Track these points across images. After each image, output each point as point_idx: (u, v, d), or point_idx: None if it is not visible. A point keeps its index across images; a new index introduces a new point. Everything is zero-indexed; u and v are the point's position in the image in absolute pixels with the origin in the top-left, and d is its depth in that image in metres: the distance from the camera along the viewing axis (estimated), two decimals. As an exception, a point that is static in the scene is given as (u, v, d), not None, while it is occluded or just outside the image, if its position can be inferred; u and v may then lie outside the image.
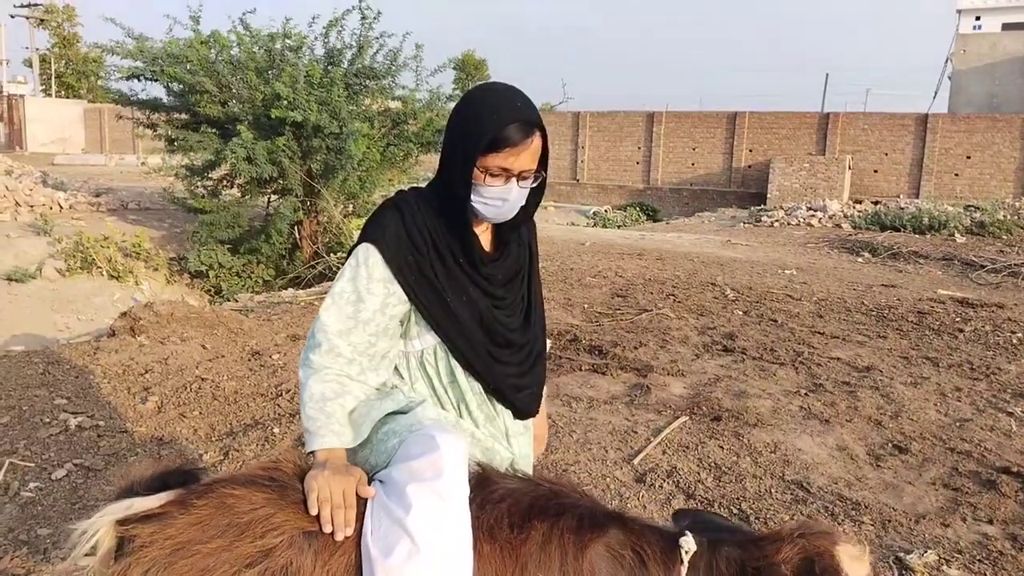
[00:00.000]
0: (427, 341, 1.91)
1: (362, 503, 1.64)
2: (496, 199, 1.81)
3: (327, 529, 1.59)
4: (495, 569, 1.59)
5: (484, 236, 1.94)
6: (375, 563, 1.55)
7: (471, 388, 1.94)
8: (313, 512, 1.60)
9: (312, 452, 1.76)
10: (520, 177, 1.81)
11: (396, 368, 1.94)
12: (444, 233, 1.86)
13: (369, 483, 1.70)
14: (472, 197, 1.81)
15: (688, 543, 1.58)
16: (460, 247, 1.86)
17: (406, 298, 1.84)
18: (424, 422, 1.79)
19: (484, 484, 1.68)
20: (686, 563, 1.58)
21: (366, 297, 1.80)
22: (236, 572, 1.54)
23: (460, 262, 1.87)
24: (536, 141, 1.80)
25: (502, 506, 1.65)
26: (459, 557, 1.57)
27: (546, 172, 1.87)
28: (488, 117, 1.75)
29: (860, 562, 1.55)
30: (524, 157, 1.78)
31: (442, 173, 1.90)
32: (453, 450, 1.65)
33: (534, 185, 1.87)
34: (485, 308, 1.90)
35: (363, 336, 1.81)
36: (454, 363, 1.91)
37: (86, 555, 1.57)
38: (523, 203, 1.88)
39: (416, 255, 1.83)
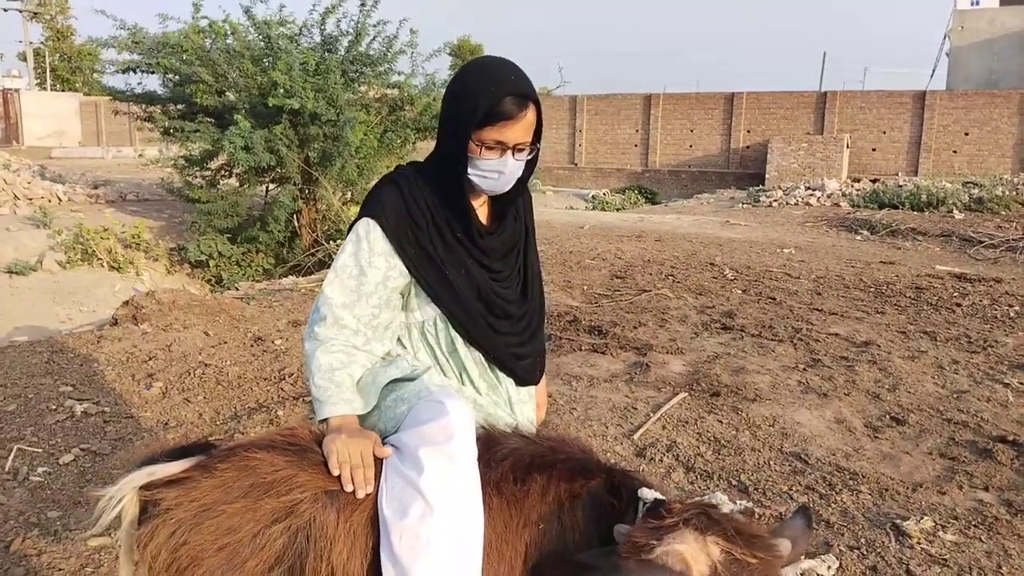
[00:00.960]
0: (427, 313, 1.96)
1: (379, 465, 1.70)
2: (492, 172, 1.85)
3: (348, 488, 1.64)
4: (503, 521, 1.65)
5: (481, 210, 1.98)
6: (390, 524, 1.60)
7: (472, 358, 1.98)
8: (335, 473, 1.65)
9: (325, 420, 1.81)
10: (515, 150, 1.84)
11: (399, 339, 1.99)
12: (442, 207, 1.89)
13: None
14: (468, 170, 1.85)
15: (646, 494, 1.61)
16: (458, 220, 1.90)
17: (407, 271, 1.88)
18: (432, 389, 1.83)
19: (490, 444, 1.73)
20: (641, 512, 1.60)
21: (368, 271, 1.85)
22: (262, 529, 1.59)
23: (458, 236, 1.91)
24: (530, 114, 1.83)
25: (506, 463, 1.71)
26: (470, 515, 1.62)
27: (540, 144, 1.91)
28: (483, 91, 1.78)
29: (699, 559, 1.41)
30: (519, 130, 1.81)
31: (439, 147, 1.93)
32: (461, 415, 1.70)
33: (529, 157, 1.90)
34: (483, 281, 1.94)
35: (366, 308, 1.85)
36: (454, 334, 1.96)
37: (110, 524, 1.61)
38: (519, 174, 1.91)
39: (415, 229, 1.87)
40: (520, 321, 2.05)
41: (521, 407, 2.08)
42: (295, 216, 12.37)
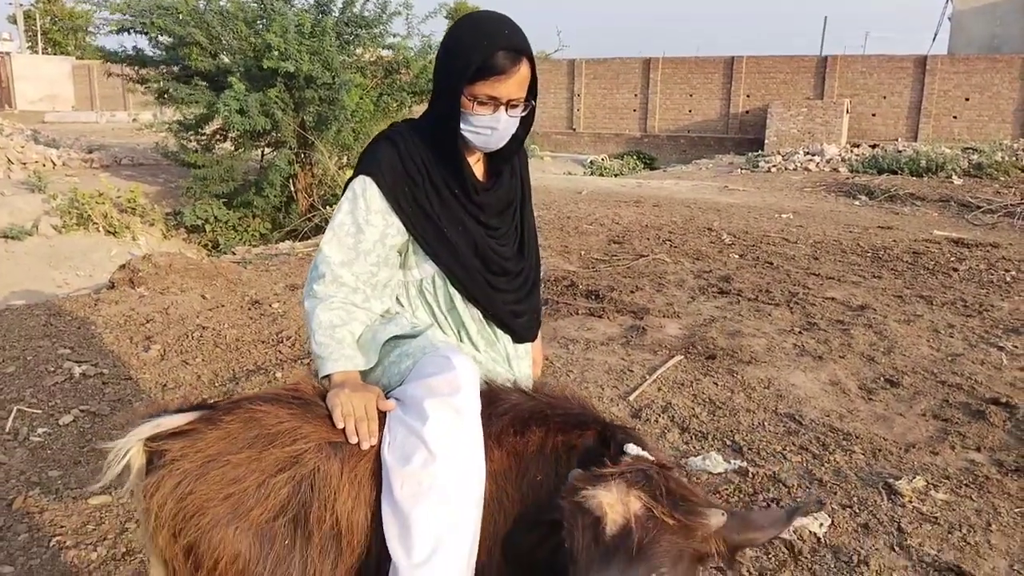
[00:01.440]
0: (425, 270, 1.96)
1: (382, 418, 1.72)
2: (485, 127, 1.83)
3: (353, 440, 1.66)
4: (503, 472, 1.68)
5: (477, 167, 1.97)
6: (392, 471, 1.62)
7: (470, 315, 1.99)
8: (339, 426, 1.67)
9: (327, 377, 1.82)
10: (509, 105, 1.82)
11: (397, 298, 1.99)
12: (438, 164, 1.88)
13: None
14: (461, 126, 1.83)
15: (632, 449, 1.64)
16: (453, 177, 1.89)
17: (404, 229, 1.88)
18: (436, 344, 1.85)
19: (491, 399, 1.75)
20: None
21: (365, 228, 1.85)
22: (267, 479, 1.61)
23: (455, 192, 1.90)
24: (524, 69, 1.81)
25: (506, 417, 1.73)
26: (472, 464, 1.64)
27: (535, 101, 1.89)
28: (475, 45, 1.76)
29: (615, 507, 1.45)
30: (511, 85, 1.79)
31: (433, 104, 1.92)
32: (467, 369, 1.72)
33: (523, 114, 1.88)
34: (480, 237, 1.94)
35: (365, 266, 1.86)
36: (452, 291, 1.96)
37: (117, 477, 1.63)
38: (514, 130, 1.89)
39: (412, 186, 1.86)
40: (517, 278, 2.05)
41: (518, 363, 2.10)
42: (291, 181, 12.30)
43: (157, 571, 1.67)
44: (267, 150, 12.96)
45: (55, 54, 43.26)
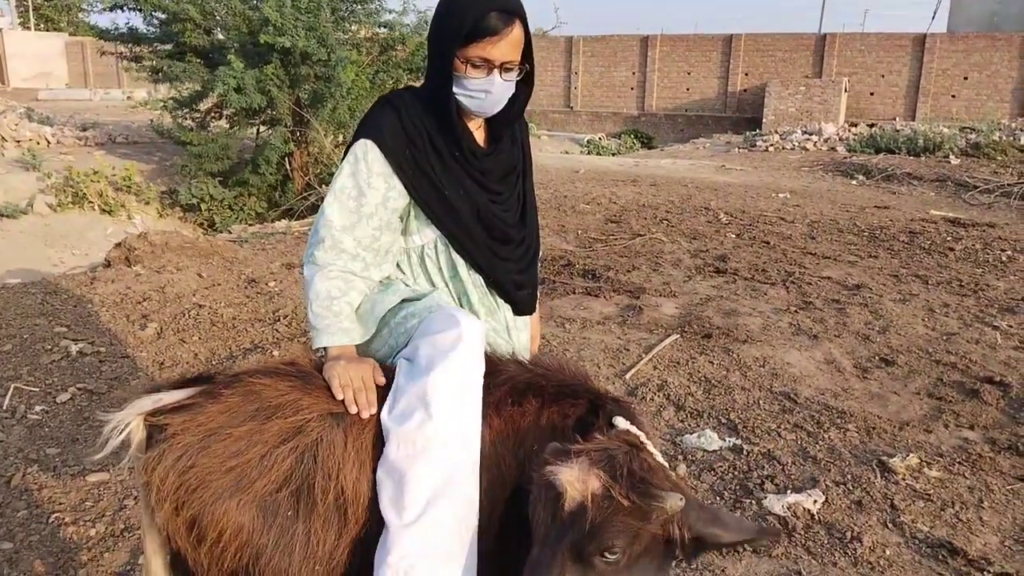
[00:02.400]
0: (427, 236, 1.95)
1: (383, 387, 1.73)
2: (479, 91, 1.83)
3: (352, 410, 1.68)
4: (501, 439, 1.69)
5: (478, 133, 1.97)
6: (390, 432, 1.63)
7: (472, 281, 1.99)
8: (339, 397, 1.68)
9: (324, 349, 1.83)
10: (503, 68, 1.81)
11: (399, 266, 1.99)
12: (438, 129, 1.88)
13: (392, 361, 1.78)
14: (455, 89, 1.83)
15: (620, 422, 1.65)
16: (452, 140, 1.88)
17: (405, 192, 1.87)
18: (442, 304, 1.85)
19: (490, 369, 1.76)
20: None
21: (367, 191, 1.84)
22: (269, 451, 1.61)
23: (456, 155, 1.89)
24: (516, 30, 1.80)
25: (504, 387, 1.74)
26: (469, 425, 1.65)
27: (531, 65, 1.88)
28: (468, 6, 1.76)
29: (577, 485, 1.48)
30: (504, 46, 1.78)
31: (429, 69, 1.91)
32: (472, 326, 1.72)
33: (519, 78, 1.87)
34: (483, 202, 1.94)
35: (367, 230, 1.85)
36: (456, 257, 1.96)
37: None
38: (509, 95, 1.88)
39: (413, 149, 1.85)
40: (519, 247, 2.05)
41: (517, 334, 2.11)
42: (287, 159, 12.26)
43: (152, 545, 1.68)
44: (263, 128, 12.89)
45: (48, 31, 42.81)
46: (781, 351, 4.69)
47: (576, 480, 1.45)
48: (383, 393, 1.74)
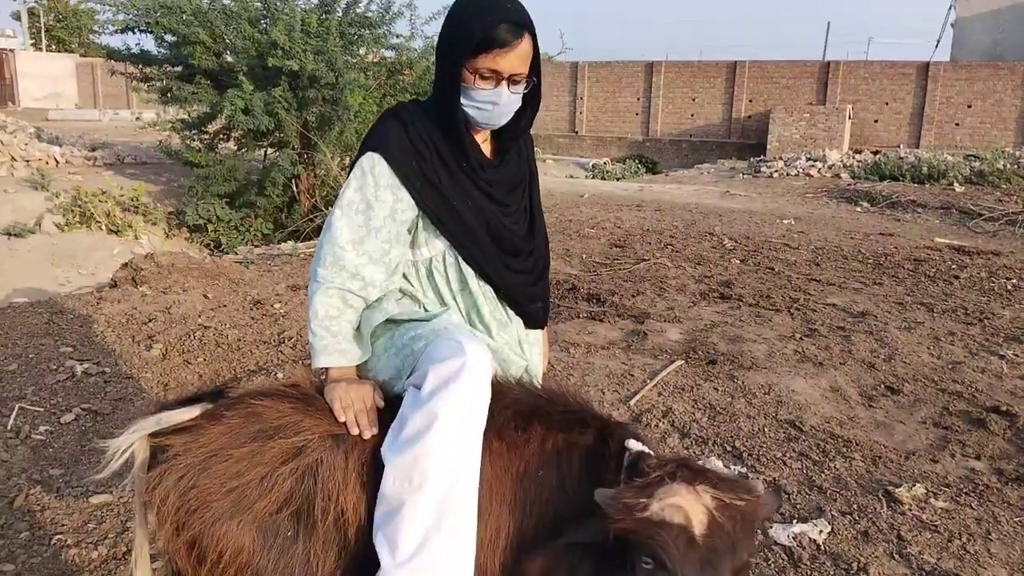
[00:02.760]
0: (436, 248, 1.94)
1: (385, 411, 1.73)
2: (486, 102, 1.83)
3: (354, 431, 1.68)
4: (503, 465, 1.69)
5: (484, 145, 1.97)
6: (387, 464, 1.63)
7: (483, 292, 1.97)
8: (340, 418, 1.69)
9: (325, 369, 1.84)
10: (511, 80, 1.82)
11: (407, 278, 1.97)
12: (445, 140, 1.88)
13: (399, 389, 1.78)
14: (463, 101, 1.83)
15: (633, 444, 1.64)
16: (459, 152, 1.89)
17: (414, 204, 1.87)
18: (450, 328, 1.83)
19: (496, 395, 1.75)
20: (625, 464, 1.62)
21: (375, 204, 1.83)
22: (269, 472, 1.62)
23: (463, 166, 1.89)
24: (525, 43, 1.80)
25: (508, 412, 1.74)
26: (468, 461, 1.63)
27: (539, 79, 1.88)
28: (477, 18, 1.77)
29: (679, 511, 1.42)
30: (513, 58, 1.79)
31: (436, 80, 1.92)
32: (478, 356, 1.70)
33: (526, 91, 1.88)
34: (491, 213, 1.93)
35: (376, 243, 1.84)
36: (465, 268, 1.95)
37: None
38: (516, 107, 1.89)
39: (420, 160, 1.85)
40: (528, 258, 2.05)
41: (530, 348, 2.10)
42: (294, 181, 12.32)
43: (143, 565, 1.68)
44: (270, 150, 12.98)
45: (59, 51, 43.29)
46: (786, 378, 4.68)
47: (692, 503, 1.40)
48: (386, 416, 1.74)
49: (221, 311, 5.63)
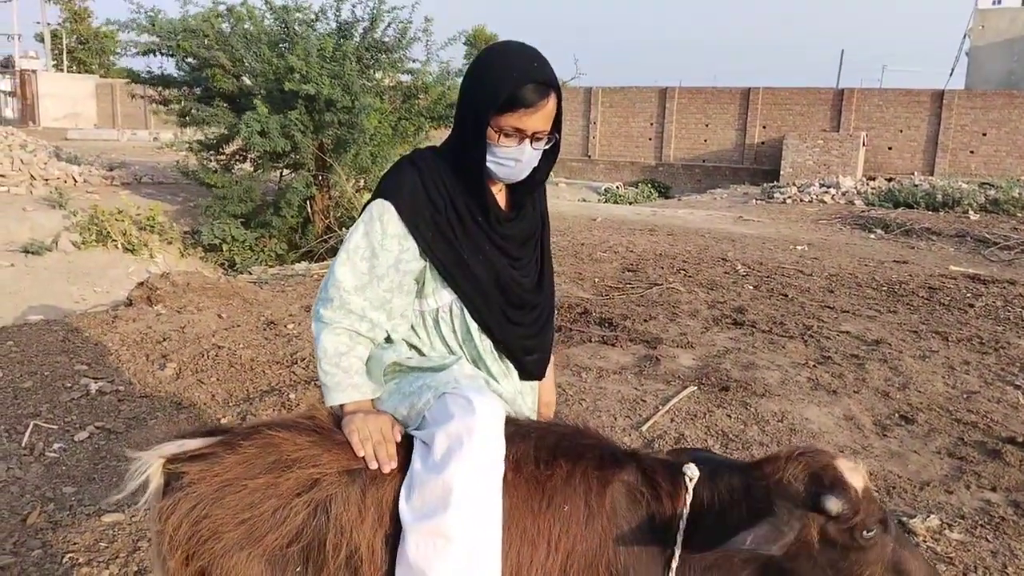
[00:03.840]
0: (443, 299, 1.93)
1: (402, 452, 1.71)
2: (509, 159, 1.83)
3: (373, 465, 1.66)
4: (521, 496, 1.67)
5: (499, 196, 1.96)
6: (409, 528, 1.61)
7: (483, 346, 1.97)
8: (359, 452, 1.67)
9: (339, 406, 1.82)
10: (534, 138, 1.82)
11: (413, 329, 1.97)
12: (461, 192, 1.87)
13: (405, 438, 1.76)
14: (487, 157, 1.83)
15: (691, 470, 1.64)
16: (477, 206, 1.88)
17: (420, 254, 1.85)
18: (461, 381, 1.80)
19: (516, 432, 1.74)
20: (691, 491, 1.64)
21: (380, 253, 1.82)
22: (282, 504, 1.61)
23: (478, 220, 1.88)
24: (551, 103, 1.80)
25: (528, 442, 1.73)
26: (490, 520, 1.62)
27: (559, 135, 1.88)
28: (504, 77, 1.75)
29: (857, 473, 1.66)
30: (538, 118, 1.79)
31: (456, 132, 1.90)
32: (490, 414, 1.68)
33: (547, 147, 1.87)
34: (502, 267, 1.92)
35: (377, 291, 1.83)
36: (470, 320, 1.93)
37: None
38: (535, 164, 1.89)
39: (433, 211, 1.84)
40: (533, 311, 2.03)
41: (523, 399, 2.08)
42: (308, 202, 12.42)
43: None
44: (286, 171, 13.10)
45: (80, 72, 43.98)
46: (799, 406, 4.66)
47: (854, 469, 1.65)
48: (402, 450, 1.73)
49: (235, 331, 5.66)
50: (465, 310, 1.93)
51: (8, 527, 3.09)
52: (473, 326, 1.94)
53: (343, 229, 11.27)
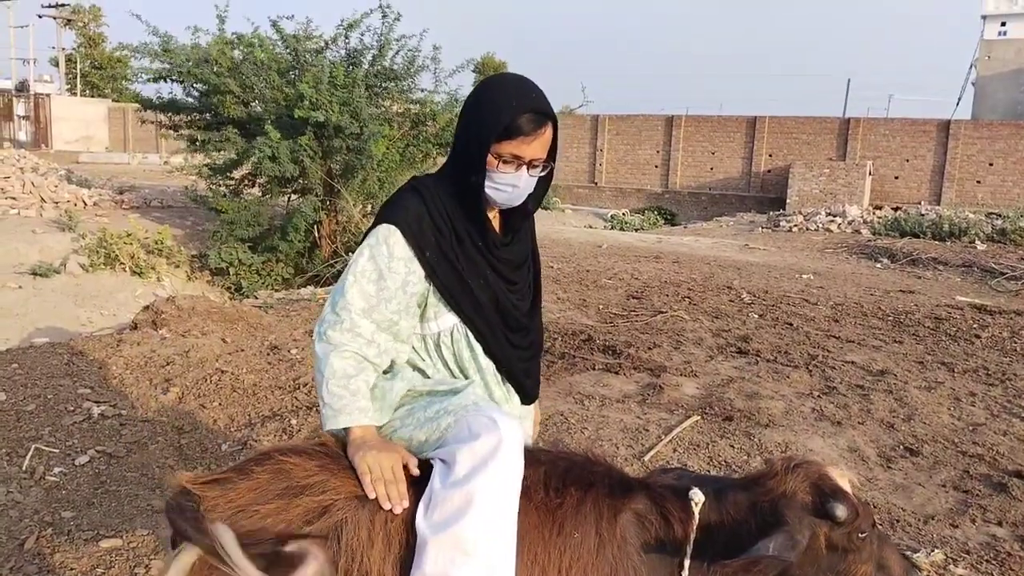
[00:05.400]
0: (444, 323, 1.96)
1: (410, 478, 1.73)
2: (507, 185, 1.89)
3: (386, 506, 1.67)
4: (532, 524, 1.68)
5: (494, 222, 2.01)
6: (427, 540, 1.62)
7: (488, 370, 2.00)
8: (371, 494, 1.67)
9: (344, 429, 1.82)
10: (530, 165, 1.89)
11: (416, 351, 1.99)
12: (461, 216, 1.92)
13: (425, 461, 1.77)
14: (485, 183, 1.88)
15: (696, 495, 1.67)
16: (476, 230, 1.93)
17: (424, 278, 1.89)
18: (479, 403, 1.83)
19: (527, 459, 1.76)
20: (696, 515, 1.67)
21: (387, 275, 1.85)
22: (295, 530, 1.62)
23: (478, 244, 1.93)
24: (548, 132, 1.87)
25: (539, 469, 1.74)
26: (508, 530, 1.64)
27: (554, 162, 1.94)
28: (504, 105, 1.82)
29: (845, 479, 1.79)
30: (535, 146, 1.86)
31: (455, 159, 1.96)
32: (512, 428, 1.71)
33: (542, 174, 1.94)
34: (500, 291, 1.97)
35: (386, 314, 1.85)
36: (474, 343, 1.97)
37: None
38: (531, 191, 1.95)
39: (438, 236, 1.89)
40: (529, 334, 2.08)
41: (523, 424, 2.10)
42: (315, 227, 12.48)
43: None
44: (294, 196, 13.19)
45: (93, 96, 44.53)
46: (803, 437, 4.62)
47: (840, 474, 1.76)
48: (415, 482, 1.74)
49: (238, 355, 5.67)
50: (470, 334, 1.96)
51: (6, 551, 3.08)
52: (478, 349, 1.98)
53: (349, 254, 11.30)
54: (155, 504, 3.49)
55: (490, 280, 1.95)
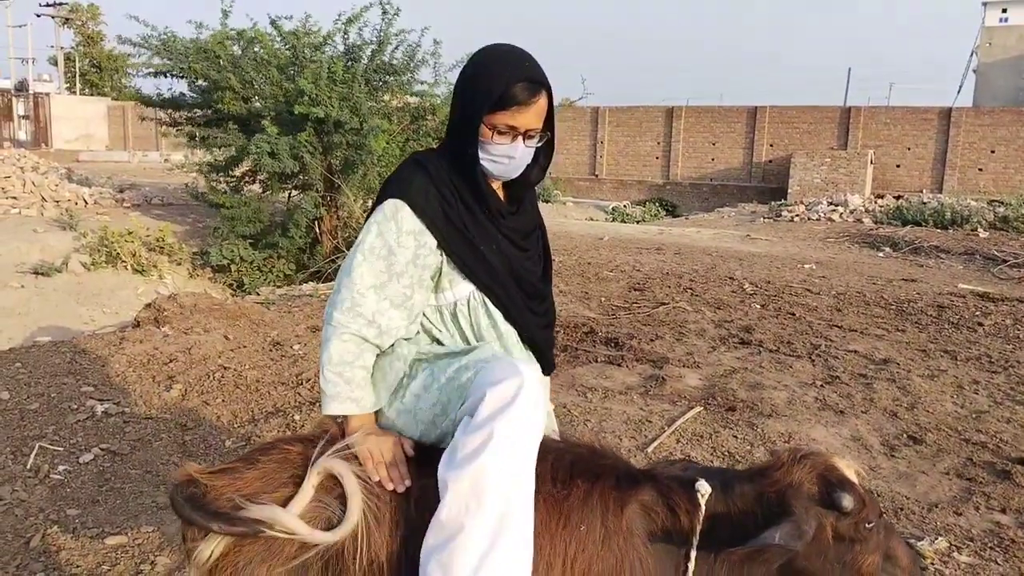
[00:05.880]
0: (461, 292, 1.94)
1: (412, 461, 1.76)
2: (503, 156, 1.88)
3: (389, 487, 1.71)
4: (538, 516, 1.69)
5: (499, 193, 2.01)
6: (447, 483, 1.64)
7: (510, 338, 1.99)
8: (374, 477, 1.71)
9: (344, 417, 1.85)
10: (526, 135, 1.87)
11: (432, 321, 1.97)
12: (465, 188, 1.91)
13: (443, 429, 1.81)
14: (480, 154, 1.88)
15: (703, 487, 1.68)
16: (481, 200, 1.92)
17: (437, 249, 1.88)
18: (497, 353, 1.85)
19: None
20: (703, 506, 1.68)
21: (397, 250, 1.84)
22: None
23: (486, 212, 1.93)
24: (542, 100, 1.85)
25: (545, 461, 1.75)
26: (525, 469, 1.66)
27: (553, 133, 1.93)
28: (496, 75, 1.81)
29: (851, 469, 1.80)
30: (530, 115, 1.85)
31: (451, 133, 1.96)
32: (532, 372, 1.74)
33: (539, 144, 1.93)
34: (513, 257, 1.97)
35: (398, 288, 1.85)
36: (493, 311, 1.96)
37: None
38: (529, 160, 1.94)
39: (445, 206, 1.88)
40: (544, 301, 2.09)
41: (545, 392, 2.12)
42: (316, 223, 12.48)
43: None
44: (294, 192, 13.18)
45: (92, 95, 44.49)
46: (807, 426, 4.62)
47: (847, 465, 1.77)
48: (414, 469, 1.76)
49: (241, 352, 5.67)
50: (487, 301, 1.95)
51: (12, 549, 3.09)
52: (497, 316, 1.97)
53: (350, 249, 11.30)
54: (160, 501, 3.50)
55: (502, 246, 1.94)
